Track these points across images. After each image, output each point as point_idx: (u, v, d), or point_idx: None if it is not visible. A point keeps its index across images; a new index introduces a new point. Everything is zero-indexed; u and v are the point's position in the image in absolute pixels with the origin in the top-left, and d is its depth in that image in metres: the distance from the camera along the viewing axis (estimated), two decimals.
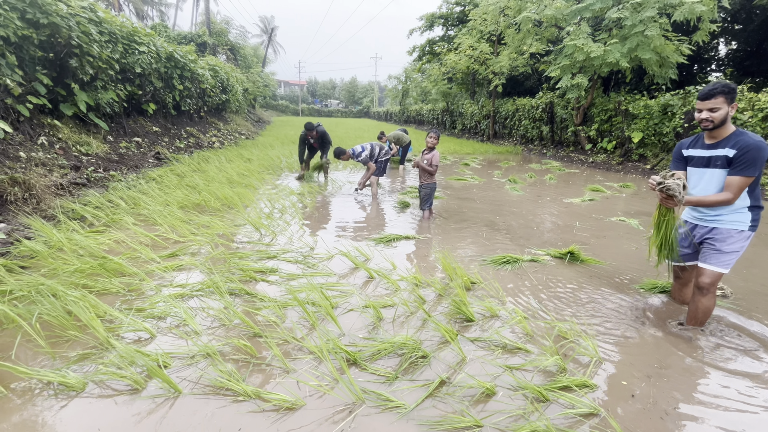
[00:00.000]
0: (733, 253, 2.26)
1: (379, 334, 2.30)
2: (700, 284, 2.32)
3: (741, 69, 11.99)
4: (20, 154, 4.87)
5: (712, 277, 2.28)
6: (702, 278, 2.31)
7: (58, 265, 2.85)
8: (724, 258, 2.26)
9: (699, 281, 2.33)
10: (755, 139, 2.12)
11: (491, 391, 1.84)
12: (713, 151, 2.25)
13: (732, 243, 2.25)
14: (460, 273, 2.99)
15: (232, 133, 14.70)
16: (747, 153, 2.10)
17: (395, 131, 8.90)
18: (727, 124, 2.21)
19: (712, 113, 2.17)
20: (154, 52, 8.48)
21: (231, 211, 4.78)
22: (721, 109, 2.15)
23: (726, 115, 2.17)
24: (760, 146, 2.09)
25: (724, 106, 2.15)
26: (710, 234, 2.35)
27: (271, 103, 50.49)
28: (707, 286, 2.29)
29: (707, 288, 2.30)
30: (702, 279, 2.31)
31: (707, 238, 2.36)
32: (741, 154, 2.12)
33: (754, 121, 7.52)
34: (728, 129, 2.23)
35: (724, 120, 2.18)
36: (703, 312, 2.36)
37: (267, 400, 1.75)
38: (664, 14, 8.76)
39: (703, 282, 2.31)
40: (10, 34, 4.83)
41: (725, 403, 1.85)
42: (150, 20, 41.57)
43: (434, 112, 26.09)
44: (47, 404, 1.71)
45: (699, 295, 2.34)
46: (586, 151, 11.89)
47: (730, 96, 2.14)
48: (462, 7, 20.77)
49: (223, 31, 28.27)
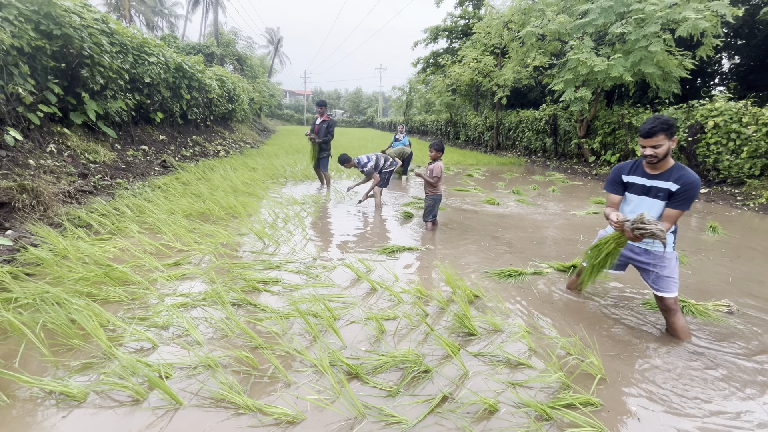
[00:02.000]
0: (675, 276, 2.46)
1: (382, 347, 2.28)
2: (666, 306, 2.50)
3: (744, 83, 12.02)
4: (29, 162, 4.95)
5: (672, 301, 2.48)
6: (665, 303, 2.49)
7: (63, 273, 2.87)
8: (674, 282, 2.46)
9: (663, 304, 2.51)
10: (694, 176, 2.28)
11: (494, 407, 1.82)
12: (655, 182, 2.38)
13: (672, 267, 2.45)
14: (462, 286, 2.98)
15: (237, 142, 14.85)
16: (688, 190, 2.27)
17: (396, 147, 9.00)
18: (667, 157, 2.34)
19: (656, 149, 2.29)
20: (164, 62, 8.64)
21: (235, 220, 4.81)
22: (663, 145, 2.27)
23: (668, 150, 2.30)
24: (698, 184, 2.27)
25: (665, 142, 2.27)
26: (646, 258, 2.52)
27: (277, 112, 51.06)
28: (671, 306, 2.48)
29: (673, 308, 2.49)
30: (666, 303, 2.49)
31: (644, 263, 2.54)
32: (683, 191, 2.28)
33: (759, 136, 7.52)
34: (669, 162, 2.36)
35: (666, 154, 2.31)
36: (682, 330, 2.51)
37: (268, 413, 1.74)
38: (668, 29, 8.84)
39: (668, 306, 2.49)
40: (24, 45, 4.95)
41: (735, 424, 1.82)
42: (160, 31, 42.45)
43: (438, 123, 26.27)
44: (48, 414, 1.71)
45: (670, 317, 2.52)
46: (590, 164, 11.89)
47: (670, 132, 2.25)
48: (466, 20, 21.06)
49: (230, 41, 28.81)
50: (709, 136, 8.27)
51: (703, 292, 3.28)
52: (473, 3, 21.01)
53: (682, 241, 4.72)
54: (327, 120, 7.04)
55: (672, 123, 2.25)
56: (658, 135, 2.25)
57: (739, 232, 5.37)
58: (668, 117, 2.26)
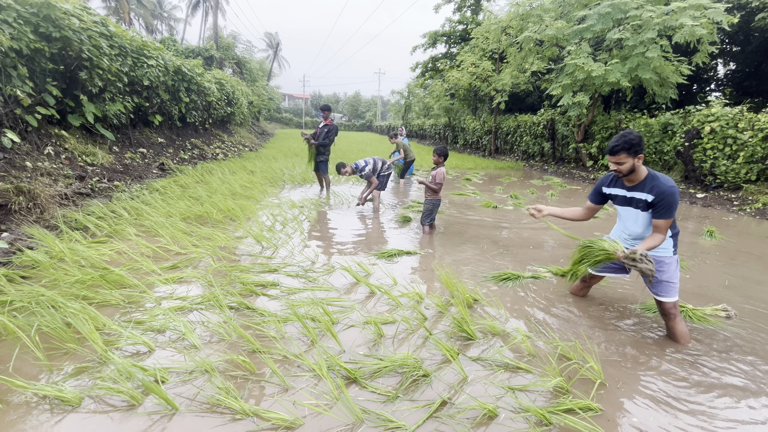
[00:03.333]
0: (675, 281, 2.48)
1: (380, 352, 2.27)
2: (666, 311, 2.51)
3: (740, 89, 12.13)
4: (26, 164, 4.92)
5: (671, 305, 2.48)
6: (663, 306, 2.50)
7: (59, 276, 2.85)
8: (673, 287, 2.47)
9: (662, 309, 2.52)
10: (668, 184, 2.34)
11: (493, 413, 1.81)
12: (633, 193, 2.48)
13: (670, 272, 2.47)
14: (461, 290, 2.97)
15: (236, 145, 14.84)
16: (663, 199, 2.33)
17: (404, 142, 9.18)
18: (638, 170, 2.42)
19: (619, 166, 2.40)
20: (163, 65, 8.64)
21: (233, 224, 4.79)
22: (626, 162, 2.37)
23: (632, 166, 2.38)
24: (672, 191, 2.32)
25: (628, 160, 2.36)
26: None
27: (275, 115, 51.13)
28: (671, 309, 2.49)
29: (672, 312, 2.50)
30: (664, 306, 2.50)
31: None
32: (659, 200, 2.35)
33: (755, 141, 7.57)
34: (641, 174, 2.44)
35: (632, 169, 2.40)
36: (682, 335, 2.52)
37: (265, 418, 1.72)
38: (665, 36, 8.92)
39: (667, 308, 2.50)
40: (23, 47, 4.94)
41: (729, 426, 1.81)
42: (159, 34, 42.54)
43: (436, 127, 26.35)
44: (42, 419, 1.69)
45: (669, 321, 2.53)
46: (588, 168, 11.94)
47: (633, 150, 2.32)
48: (464, 25, 21.20)
49: (230, 45, 28.87)
50: (705, 141, 8.33)
51: (701, 296, 3.28)
52: (471, 8, 21.18)
53: (680, 246, 4.73)
54: (329, 125, 7.06)
55: (635, 142, 2.31)
56: (620, 153, 2.36)
57: (736, 237, 5.39)
58: (634, 136, 2.33)
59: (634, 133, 2.34)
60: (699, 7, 8.24)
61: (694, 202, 7.96)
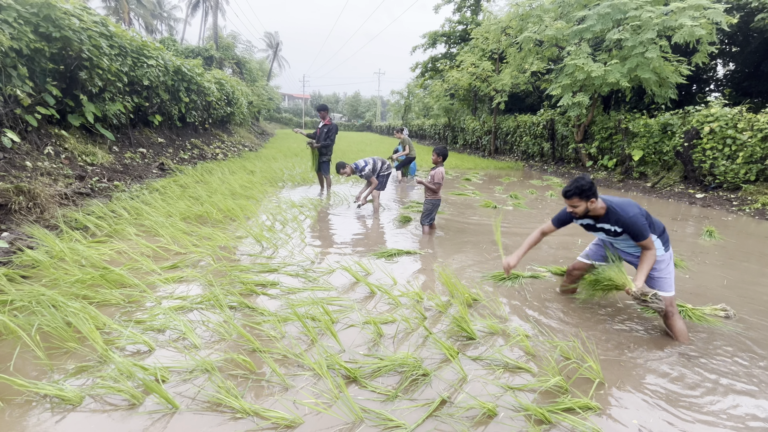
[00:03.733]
0: (668, 276, 2.55)
1: (380, 351, 2.28)
2: (664, 311, 2.51)
3: (739, 90, 12.14)
4: (26, 164, 4.92)
5: (668, 300, 2.51)
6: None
7: (60, 276, 2.85)
8: (667, 282, 2.54)
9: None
10: (628, 215, 2.42)
11: (492, 412, 1.81)
12: (602, 224, 2.59)
13: (663, 268, 2.55)
14: (461, 289, 2.98)
15: (235, 145, 14.84)
16: (629, 228, 2.43)
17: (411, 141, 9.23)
18: (594, 209, 2.52)
19: (574, 208, 2.53)
20: (162, 65, 8.64)
21: (233, 223, 4.80)
22: (579, 206, 2.50)
23: (586, 208, 2.51)
24: (634, 220, 2.40)
25: (581, 204, 2.48)
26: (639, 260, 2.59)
27: (275, 116, 51.11)
28: (668, 306, 2.51)
29: (670, 310, 2.52)
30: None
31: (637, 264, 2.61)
32: (626, 230, 2.45)
33: (754, 141, 7.59)
34: (599, 210, 2.53)
35: (586, 211, 2.52)
36: (680, 333, 2.53)
37: (265, 417, 1.73)
38: (664, 36, 8.93)
39: (665, 309, 2.49)
40: (23, 47, 4.95)
41: (729, 424, 1.82)
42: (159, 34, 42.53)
43: (436, 127, 26.35)
44: (43, 418, 1.69)
45: (667, 319, 2.55)
46: (587, 168, 11.95)
47: (584, 195, 2.44)
48: (464, 25, 21.20)
49: (229, 45, 28.88)
50: (704, 141, 8.34)
51: (700, 296, 3.29)
52: (471, 9, 21.19)
53: (679, 246, 4.74)
54: (328, 124, 7.06)
55: (585, 188, 2.42)
56: (572, 198, 2.48)
57: (735, 237, 5.40)
58: (584, 182, 2.42)
59: (586, 179, 2.44)
60: (698, 7, 8.26)
61: (694, 203, 7.98)
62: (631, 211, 2.45)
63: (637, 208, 2.49)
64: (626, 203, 2.50)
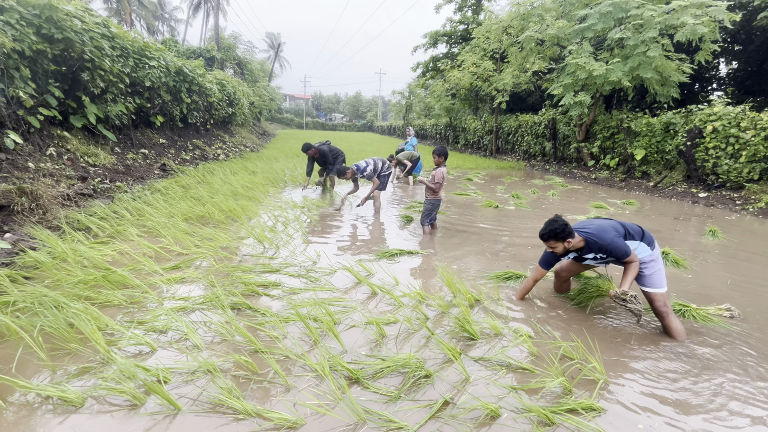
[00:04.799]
0: (657, 272, 2.57)
1: (382, 352, 2.27)
2: (657, 310, 2.56)
3: (742, 88, 12.08)
4: (29, 165, 4.94)
5: (661, 299, 2.54)
6: (655, 304, 2.56)
7: (62, 277, 2.85)
8: (656, 279, 2.56)
9: (655, 308, 2.58)
10: (605, 242, 2.48)
11: (495, 413, 1.80)
12: (587, 255, 2.63)
13: (651, 266, 2.58)
14: (463, 289, 2.97)
15: (237, 145, 14.86)
16: (610, 252, 2.49)
17: (405, 152, 8.97)
18: (574, 246, 2.57)
19: (553, 249, 2.60)
20: (164, 66, 8.66)
21: (234, 224, 4.80)
22: (556, 247, 2.57)
23: (564, 248, 2.57)
24: (613, 244, 2.46)
25: (558, 245, 2.56)
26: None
27: (277, 116, 51.17)
28: (662, 307, 2.54)
29: (664, 310, 2.54)
30: (655, 304, 2.56)
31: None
32: (607, 255, 2.52)
33: (757, 140, 7.54)
34: (579, 245, 2.59)
35: (566, 250, 2.59)
36: (678, 332, 2.54)
37: (267, 418, 1.72)
38: (666, 35, 8.90)
39: (658, 307, 2.55)
40: (26, 49, 4.96)
41: (731, 425, 1.80)
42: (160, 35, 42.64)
43: (437, 127, 26.33)
44: (45, 419, 1.69)
45: (663, 319, 2.57)
46: (589, 168, 11.91)
47: (560, 236, 2.51)
48: (465, 25, 21.18)
49: (231, 46, 28.92)
50: (707, 140, 8.30)
51: (704, 296, 3.27)
52: (472, 8, 21.15)
53: (682, 245, 4.72)
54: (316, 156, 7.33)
55: (559, 231, 2.49)
56: (549, 241, 2.55)
57: (739, 236, 5.37)
58: (558, 226, 2.49)
59: (559, 222, 2.50)
60: (700, 5, 8.22)
61: (697, 202, 7.94)
62: (608, 236, 2.49)
63: (612, 229, 2.53)
64: (600, 229, 2.54)
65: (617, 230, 2.57)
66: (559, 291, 3.18)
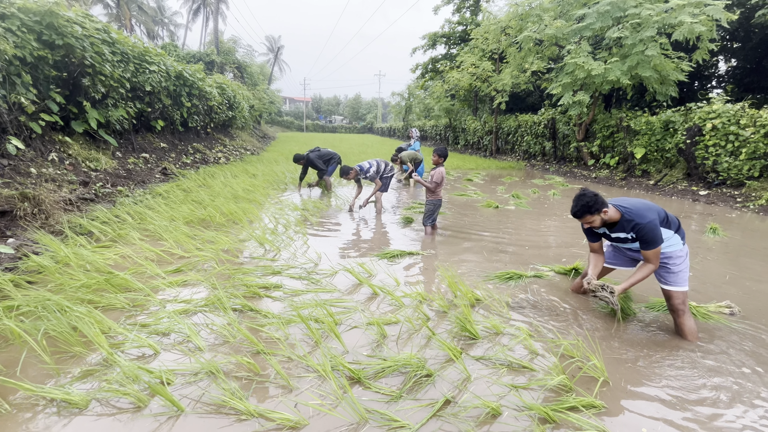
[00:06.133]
0: (685, 270, 2.50)
1: (383, 352, 2.28)
2: (674, 307, 2.51)
3: (741, 86, 12.08)
4: (31, 170, 4.97)
5: (680, 297, 2.49)
6: (673, 301, 2.51)
7: (65, 281, 2.87)
8: (681, 277, 2.49)
9: (672, 304, 2.53)
10: (643, 220, 2.34)
11: (496, 411, 1.81)
12: (616, 234, 2.53)
13: (680, 263, 2.49)
14: (464, 289, 2.98)
15: (237, 148, 14.91)
16: (644, 235, 2.35)
17: (407, 152, 8.93)
18: (610, 218, 2.44)
19: (591, 224, 2.47)
20: (164, 71, 8.70)
21: (236, 227, 4.82)
22: (593, 221, 2.44)
23: (602, 220, 2.43)
24: (651, 225, 2.32)
25: (595, 218, 2.42)
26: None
27: (277, 119, 51.29)
28: (680, 305, 2.49)
29: (681, 308, 2.50)
30: (673, 301, 2.51)
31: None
32: (640, 237, 2.38)
33: (757, 137, 7.54)
34: (614, 218, 2.45)
35: (604, 221, 2.45)
36: (690, 332, 2.51)
37: (270, 419, 1.74)
38: (664, 33, 8.91)
39: (675, 304, 2.50)
40: (27, 55, 5.00)
41: (732, 423, 1.81)
42: (160, 40, 42.83)
43: (437, 128, 26.37)
44: (50, 422, 1.71)
45: (678, 317, 2.52)
46: (589, 167, 11.92)
47: (594, 208, 2.38)
48: (464, 26, 21.24)
49: (230, 50, 29.04)
50: (707, 138, 8.30)
51: (704, 293, 3.27)
52: (470, 9, 21.21)
53: None
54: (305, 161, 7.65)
55: (591, 203, 2.36)
56: (584, 216, 2.43)
57: (740, 234, 5.37)
58: (589, 198, 2.36)
59: (589, 194, 2.38)
60: (698, 4, 8.24)
61: (697, 200, 7.94)
62: (648, 215, 2.33)
63: (653, 211, 2.37)
64: (641, 206, 2.39)
65: (659, 213, 2.40)
66: (577, 291, 3.16)
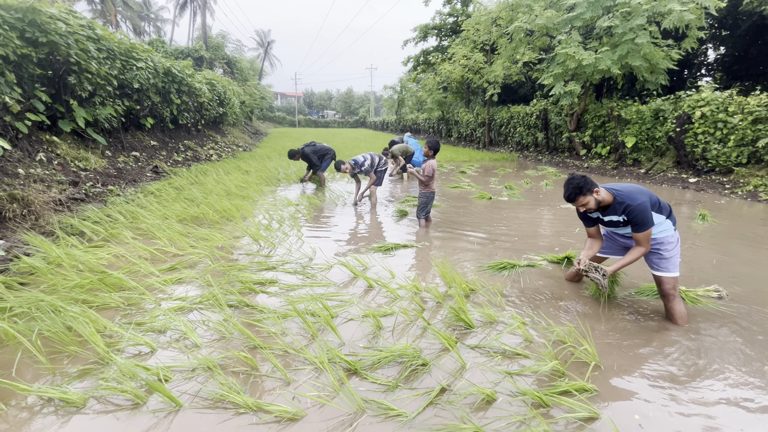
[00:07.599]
0: (676, 256, 2.55)
1: (380, 343, 2.31)
2: (665, 292, 2.56)
3: (730, 73, 12.20)
4: (19, 171, 4.90)
5: (671, 282, 2.53)
6: (663, 286, 2.56)
7: (58, 281, 2.85)
8: (672, 263, 2.53)
9: (663, 290, 2.57)
10: (634, 202, 2.38)
11: (491, 397, 1.85)
12: (608, 217, 2.57)
13: (672, 248, 2.54)
14: (458, 280, 3.01)
15: (229, 145, 14.77)
16: (635, 217, 2.39)
17: (399, 144, 8.84)
18: (603, 200, 2.48)
19: (586, 206, 2.48)
20: (152, 67, 8.57)
21: (230, 224, 4.80)
22: (588, 202, 2.45)
23: (596, 201, 2.46)
24: (641, 207, 2.36)
25: (588, 199, 2.44)
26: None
27: (268, 115, 50.83)
28: (670, 290, 2.55)
29: (672, 294, 2.55)
30: (664, 287, 2.56)
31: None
32: (631, 219, 2.42)
33: (744, 124, 7.65)
34: (607, 200, 2.50)
35: (598, 203, 2.47)
36: (680, 316, 2.55)
37: (268, 411, 1.76)
38: (654, 22, 8.95)
39: (666, 289, 2.55)
40: (10, 53, 4.90)
41: (722, 404, 1.86)
42: (147, 36, 42.02)
43: (430, 121, 26.33)
44: (48, 421, 1.71)
45: (668, 302, 2.57)
46: (581, 157, 12.00)
47: (585, 189, 2.41)
48: (455, 18, 21.13)
49: (219, 45, 28.61)
50: (696, 126, 8.39)
51: (693, 278, 3.34)
52: (461, 0, 21.09)
53: None
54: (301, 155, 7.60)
55: (582, 184, 2.40)
56: (578, 198, 2.44)
57: (728, 220, 5.46)
58: (579, 179, 2.41)
59: (578, 177, 2.42)
60: None
61: (687, 187, 8.04)
62: (640, 198, 2.38)
63: (645, 195, 2.42)
64: (633, 190, 2.44)
65: (650, 197, 2.44)
66: (571, 279, 3.21)
